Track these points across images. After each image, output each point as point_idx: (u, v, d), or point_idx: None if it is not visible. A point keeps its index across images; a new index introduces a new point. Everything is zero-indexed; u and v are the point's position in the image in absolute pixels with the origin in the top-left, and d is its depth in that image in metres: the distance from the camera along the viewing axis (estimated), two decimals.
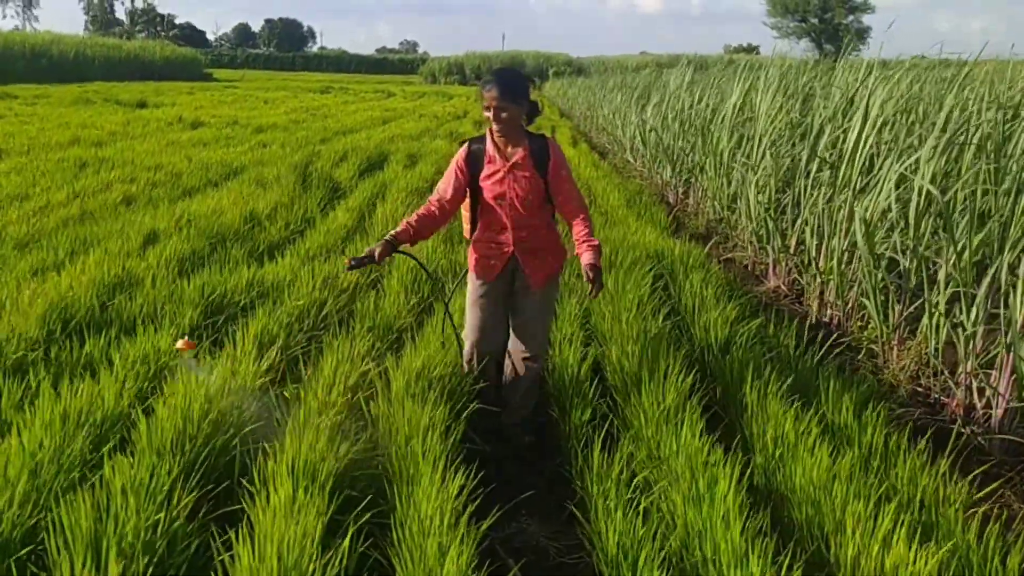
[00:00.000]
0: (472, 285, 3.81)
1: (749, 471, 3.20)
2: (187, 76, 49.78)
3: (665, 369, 3.78)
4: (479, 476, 3.02)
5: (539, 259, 3.70)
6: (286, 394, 3.48)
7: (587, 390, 3.82)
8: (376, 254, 3.48)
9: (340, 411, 3.26)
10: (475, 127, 18.77)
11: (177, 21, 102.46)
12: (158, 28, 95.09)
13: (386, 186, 9.39)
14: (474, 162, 3.58)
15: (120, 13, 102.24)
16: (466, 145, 3.63)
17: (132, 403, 3.29)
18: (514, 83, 3.49)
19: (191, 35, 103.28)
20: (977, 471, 3.68)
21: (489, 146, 3.57)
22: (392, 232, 3.56)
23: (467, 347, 3.88)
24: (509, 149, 3.56)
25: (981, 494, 3.33)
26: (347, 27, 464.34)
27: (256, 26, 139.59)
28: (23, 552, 2.34)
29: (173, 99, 25.73)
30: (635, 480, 3.09)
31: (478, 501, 2.85)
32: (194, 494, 2.59)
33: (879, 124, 5.73)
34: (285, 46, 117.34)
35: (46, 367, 3.67)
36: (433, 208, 3.62)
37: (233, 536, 2.36)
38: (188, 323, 4.33)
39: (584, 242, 3.58)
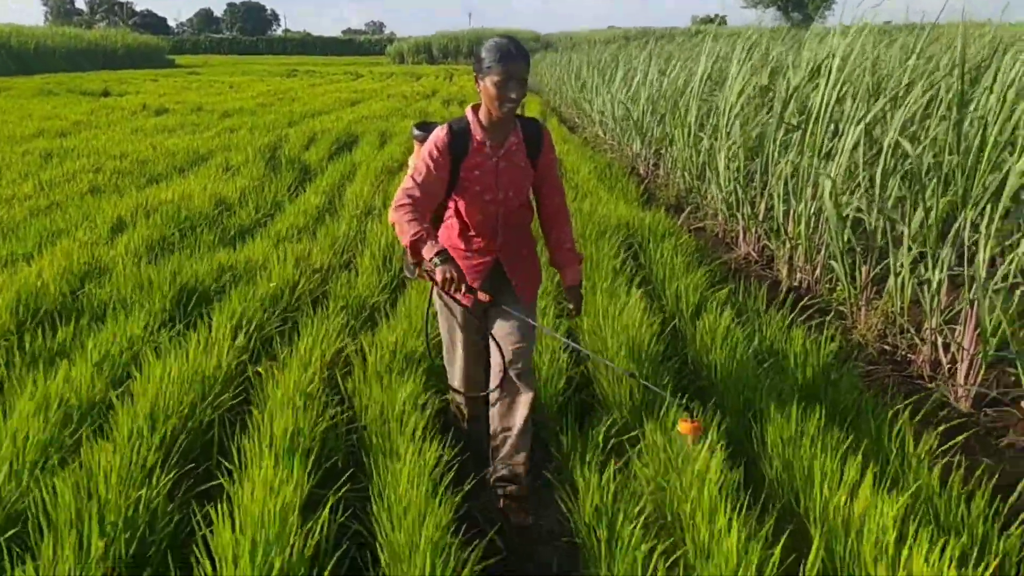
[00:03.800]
0: (446, 315, 3.15)
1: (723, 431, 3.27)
2: (150, 64, 49.01)
3: (637, 336, 3.83)
4: (457, 446, 3.07)
5: (525, 267, 3.14)
6: (260, 371, 3.50)
7: (562, 361, 3.87)
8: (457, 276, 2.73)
9: (316, 387, 3.28)
10: (444, 105, 18.70)
11: (137, 8, 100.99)
12: (118, 16, 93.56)
13: (356, 167, 9.36)
14: (458, 147, 2.91)
15: (79, 3, 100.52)
16: (447, 127, 2.93)
17: (107, 388, 3.30)
18: (528, 56, 2.91)
19: (152, 22, 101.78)
20: (943, 424, 3.78)
21: (477, 130, 2.92)
22: (440, 246, 2.76)
23: (453, 394, 3.37)
24: (501, 134, 2.96)
25: (947, 445, 3.42)
26: (312, 9, 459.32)
27: (218, 11, 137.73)
28: (9, 533, 2.37)
29: (137, 87, 25.38)
30: (611, 444, 3.15)
31: (455, 469, 2.90)
32: (173, 472, 2.62)
33: (841, 87, 5.79)
34: (249, 30, 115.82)
35: (20, 356, 3.66)
36: (418, 215, 2.82)
37: (213, 512, 2.39)
38: (159, 309, 4.32)
39: (570, 251, 3.15)
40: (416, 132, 3.08)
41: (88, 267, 5.01)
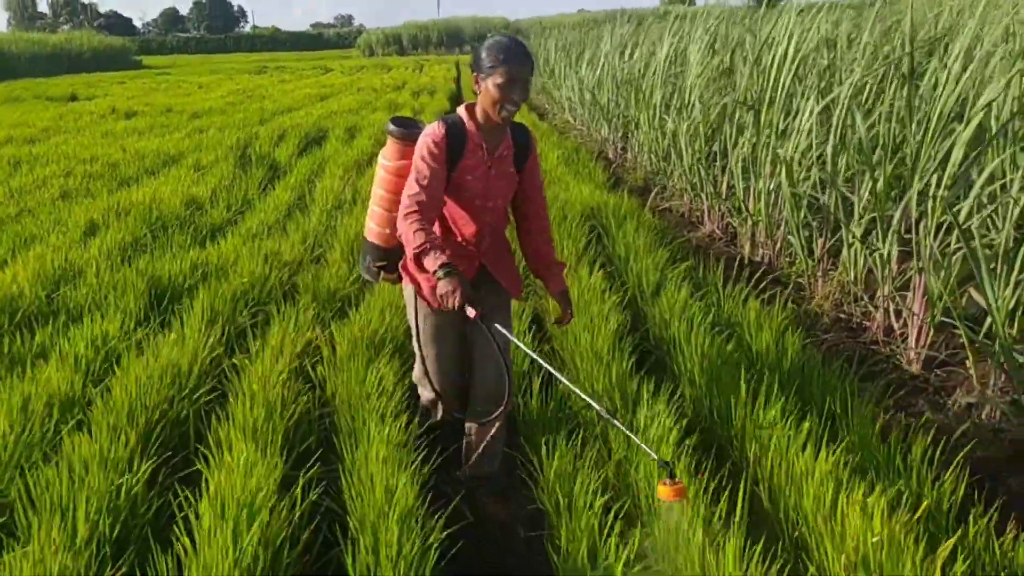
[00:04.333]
0: (425, 314, 3.02)
1: (680, 400, 3.43)
2: (117, 66, 48.50)
3: (598, 313, 3.98)
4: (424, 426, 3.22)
5: (507, 265, 3.08)
6: (235, 362, 3.62)
7: (529, 340, 4.01)
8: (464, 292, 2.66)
9: (288, 376, 3.41)
10: (413, 96, 18.73)
11: (101, 10, 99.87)
12: (83, 18, 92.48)
13: (325, 162, 9.45)
14: (454, 146, 2.77)
15: (42, 6, 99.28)
16: (442, 123, 2.78)
17: (86, 385, 3.41)
18: (533, 58, 2.79)
19: (117, 23, 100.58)
20: (893, 386, 3.96)
21: (472, 130, 2.80)
22: (444, 258, 2.65)
23: (427, 394, 3.25)
24: (496, 139, 2.85)
25: (890, 401, 3.60)
26: (279, 4, 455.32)
27: (184, 9, 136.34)
28: None
29: (105, 90, 25.21)
30: (571, 413, 3.30)
31: (425, 449, 3.05)
32: (151, 461, 2.75)
33: (795, 65, 5.95)
34: (216, 28, 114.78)
35: None
36: (426, 222, 2.72)
37: (191, 495, 2.52)
38: (134, 308, 4.42)
39: (555, 261, 3.11)
40: (391, 127, 2.93)
41: (62, 270, 5.10)
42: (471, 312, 2.65)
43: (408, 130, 2.91)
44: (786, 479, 2.72)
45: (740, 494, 2.50)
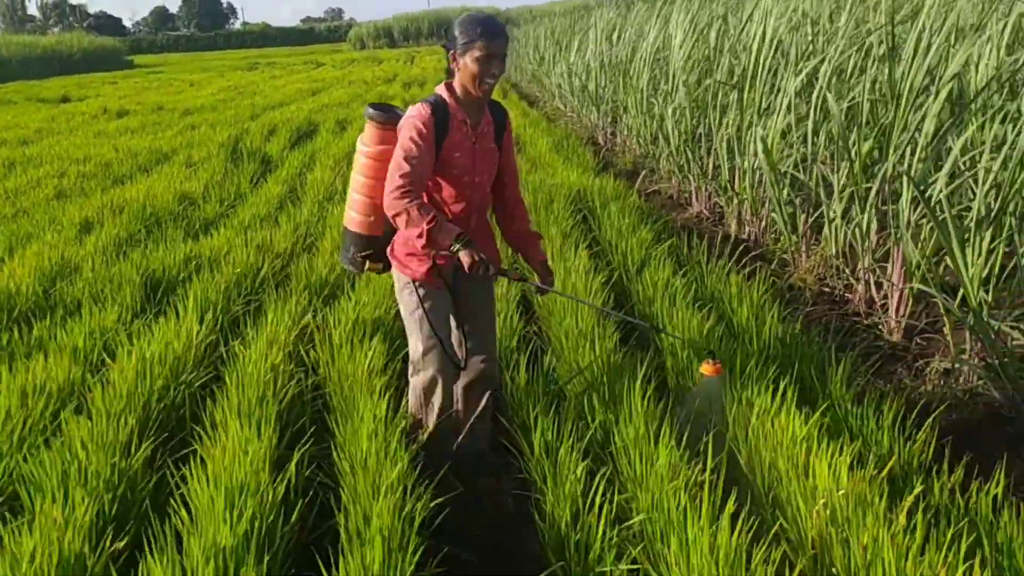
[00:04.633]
0: (416, 297, 2.97)
1: (661, 371, 3.54)
2: (108, 66, 48.39)
3: (583, 292, 4.08)
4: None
5: (491, 244, 3.14)
6: (230, 349, 3.72)
7: (516, 322, 4.11)
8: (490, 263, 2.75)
9: (282, 359, 3.51)
10: (404, 88, 18.80)
11: (91, 11, 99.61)
12: (72, 20, 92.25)
13: (316, 154, 9.54)
14: (440, 124, 2.80)
15: (32, 9, 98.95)
16: (426, 104, 2.80)
17: (84, 373, 3.52)
18: (507, 32, 2.85)
19: (107, 24, 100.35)
20: (873, 354, 4.07)
21: (455, 107, 2.84)
22: (457, 228, 2.73)
23: (423, 381, 3.10)
24: (476, 115, 2.90)
25: (868, 369, 3.70)
26: (269, 0, 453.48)
27: (174, 7, 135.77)
28: None
29: (96, 91, 25.24)
30: (557, 385, 3.41)
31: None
32: (150, 442, 2.85)
33: (775, 43, 6.03)
34: (206, 25, 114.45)
35: None
36: (422, 200, 2.74)
37: (188, 472, 2.62)
38: (130, 300, 4.52)
39: (532, 232, 3.19)
40: (370, 111, 2.92)
41: (59, 267, 5.20)
42: (514, 275, 2.92)
43: (388, 114, 2.90)
44: (764, 442, 2.82)
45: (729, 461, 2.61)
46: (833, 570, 2.29)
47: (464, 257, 2.67)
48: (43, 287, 4.80)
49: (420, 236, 2.66)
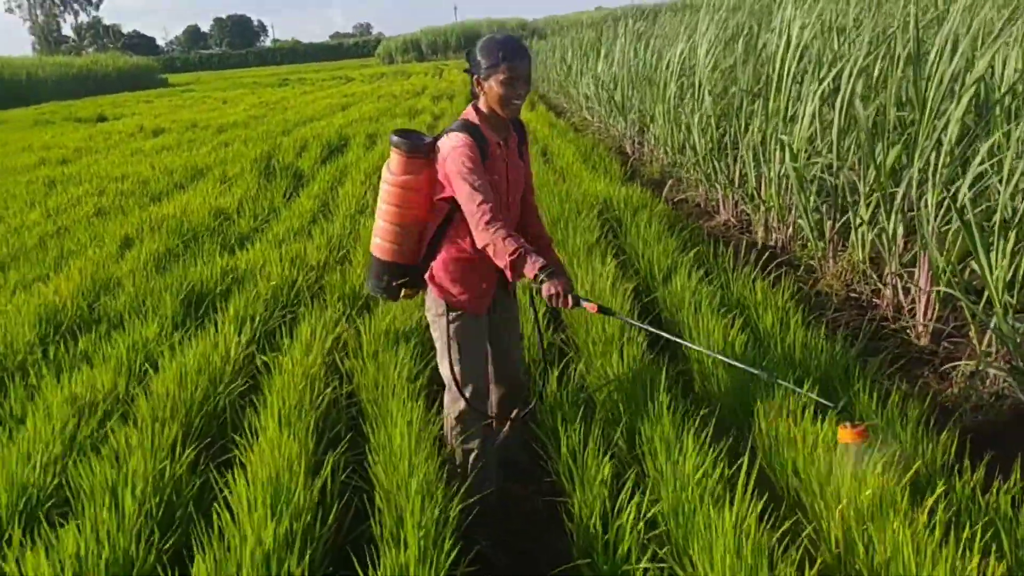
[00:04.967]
0: (457, 327, 2.95)
1: (687, 377, 3.60)
2: (143, 85, 49.41)
3: (610, 301, 4.15)
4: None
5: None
6: (267, 359, 3.84)
7: (543, 327, 4.19)
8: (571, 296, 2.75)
9: (317, 369, 3.62)
10: (433, 102, 19.00)
11: (124, 31, 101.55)
12: (106, 41, 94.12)
13: (347, 169, 9.71)
14: (481, 150, 2.79)
15: (66, 29, 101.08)
16: (462, 131, 2.80)
17: (129, 384, 3.66)
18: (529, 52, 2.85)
19: (141, 43, 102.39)
20: (901, 359, 4.10)
21: (488, 131, 2.84)
22: (541, 260, 2.73)
23: (461, 410, 3.01)
24: (504, 134, 2.91)
25: (895, 372, 3.74)
26: (298, 17, 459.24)
27: (205, 26, 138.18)
28: (48, 504, 2.75)
29: (132, 109, 25.78)
30: (586, 392, 3.48)
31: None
32: (193, 447, 2.97)
33: (800, 51, 6.07)
34: (237, 43, 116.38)
35: (47, 364, 4.02)
36: (508, 226, 2.74)
37: (230, 476, 2.74)
38: (170, 313, 4.66)
39: (547, 238, 3.20)
40: (395, 139, 2.86)
41: (102, 282, 5.38)
42: (591, 306, 2.82)
43: (413, 142, 2.85)
44: (788, 447, 2.88)
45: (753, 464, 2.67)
46: (856, 567, 2.34)
47: (545, 289, 2.70)
48: (87, 302, 4.97)
49: (505, 267, 2.70)
